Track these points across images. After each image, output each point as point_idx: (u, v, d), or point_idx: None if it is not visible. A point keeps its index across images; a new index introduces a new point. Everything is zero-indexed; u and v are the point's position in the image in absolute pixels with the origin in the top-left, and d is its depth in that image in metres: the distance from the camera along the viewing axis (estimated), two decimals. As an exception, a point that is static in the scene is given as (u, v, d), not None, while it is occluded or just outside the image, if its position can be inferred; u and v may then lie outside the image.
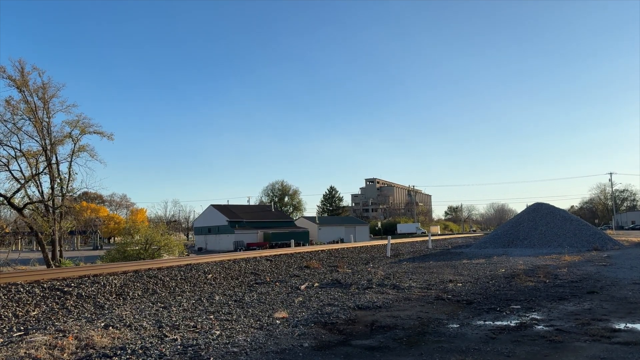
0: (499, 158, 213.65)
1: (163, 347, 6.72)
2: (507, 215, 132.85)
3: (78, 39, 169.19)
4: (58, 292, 11.05)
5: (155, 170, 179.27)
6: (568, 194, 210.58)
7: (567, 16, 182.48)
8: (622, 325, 7.81)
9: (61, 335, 7.60)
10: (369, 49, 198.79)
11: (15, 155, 30.09)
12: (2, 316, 9.22)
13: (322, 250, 25.59)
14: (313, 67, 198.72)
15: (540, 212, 38.28)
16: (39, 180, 31.35)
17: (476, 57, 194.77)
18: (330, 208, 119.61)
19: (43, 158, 31.38)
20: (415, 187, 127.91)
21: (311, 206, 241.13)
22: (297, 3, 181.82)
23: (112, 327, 8.19)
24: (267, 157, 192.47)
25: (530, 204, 42.46)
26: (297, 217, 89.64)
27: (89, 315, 9.61)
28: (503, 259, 23.38)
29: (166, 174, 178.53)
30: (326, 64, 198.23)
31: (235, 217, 66.44)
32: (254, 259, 19.60)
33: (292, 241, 44.87)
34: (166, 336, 7.45)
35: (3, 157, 29.75)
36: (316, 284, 14.26)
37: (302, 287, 13.48)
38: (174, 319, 8.97)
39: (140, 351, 6.52)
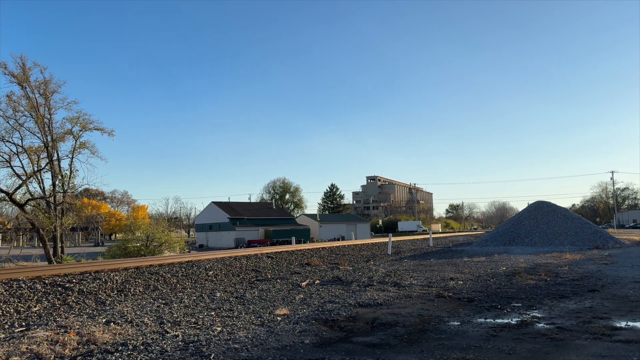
0: (500, 156, 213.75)
1: (164, 343, 6.73)
2: (508, 213, 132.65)
3: (79, 35, 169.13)
4: (59, 288, 11.07)
5: (157, 167, 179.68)
6: (569, 193, 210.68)
7: (567, 15, 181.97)
8: (623, 324, 7.80)
9: (63, 331, 7.61)
10: (370, 46, 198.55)
11: (17, 151, 30.13)
12: (4, 312, 9.24)
13: (323, 248, 25.59)
14: (314, 64, 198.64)
15: (541, 210, 38.23)
16: (41, 176, 31.39)
17: (477, 56, 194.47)
18: (332, 206, 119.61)
19: (44, 154, 31.39)
20: (416, 185, 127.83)
21: (312, 204, 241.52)
22: (298, 0, 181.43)
23: (114, 323, 8.20)
24: (268, 155, 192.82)
25: (531, 202, 42.44)
26: (298, 215, 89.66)
27: (91, 311, 9.63)
28: (504, 257, 23.37)
29: (167, 171, 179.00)
30: (327, 61, 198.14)
31: (236, 214, 66.48)
32: (255, 256, 19.61)
33: (293, 238, 44.86)
34: (167, 332, 7.46)
35: (5, 153, 29.80)
36: (317, 281, 14.27)
37: (303, 284, 13.48)
38: (175, 315, 8.98)
39: (142, 347, 6.53)
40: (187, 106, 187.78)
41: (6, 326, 8.23)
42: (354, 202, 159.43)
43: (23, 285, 10.81)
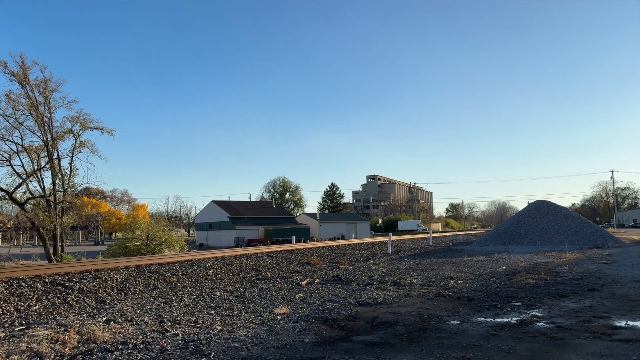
0: (500, 155, 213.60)
1: (164, 342, 6.73)
2: (508, 212, 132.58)
3: (79, 34, 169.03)
4: (59, 287, 11.08)
5: (157, 166, 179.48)
6: (569, 192, 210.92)
7: (567, 15, 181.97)
8: (622, 323, 7.81)
9: (63, 329, 7.62)
10: (370, 46, 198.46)
11: (17, 150, 30.06)
12: (4, 310, 9.25)
13: (323, 247, 25.59)
14: (314, 63, 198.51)
15: (541, 209, 38.21)
16: (41, 175, 31.33)
17: (477, 55, 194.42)
18: (331, 205, 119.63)
19: (44, 153, 31.34)
20: (416, 184, 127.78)
21: (312, 203, 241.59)
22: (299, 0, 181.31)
23: (114, 322, 8.21)
24: (268, 154, 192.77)
25: (531, 201, 42.39)
26: (298, 214, 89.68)
27: (91, 310, 9.64)
28: (504, 256, 23.37)
29: (167, 170, 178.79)
30: (327, 61, 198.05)
31: (236, 213, 66.49)
32: (255, 255, 19.62)
33: (293, 237, 44.86)
34: (167, 331, 7.46)
35: (5, 152, 29.72)
36: (317, 280, 14.28)
37: (303, 283, 13.49)
38: (175, 314, 8.99)
39: (142, 346, 6.53)
40: (187, 105, 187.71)
41: (6, 325, 8.24)
42: (354, 201, 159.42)
43: (23, 284, 10.82)
